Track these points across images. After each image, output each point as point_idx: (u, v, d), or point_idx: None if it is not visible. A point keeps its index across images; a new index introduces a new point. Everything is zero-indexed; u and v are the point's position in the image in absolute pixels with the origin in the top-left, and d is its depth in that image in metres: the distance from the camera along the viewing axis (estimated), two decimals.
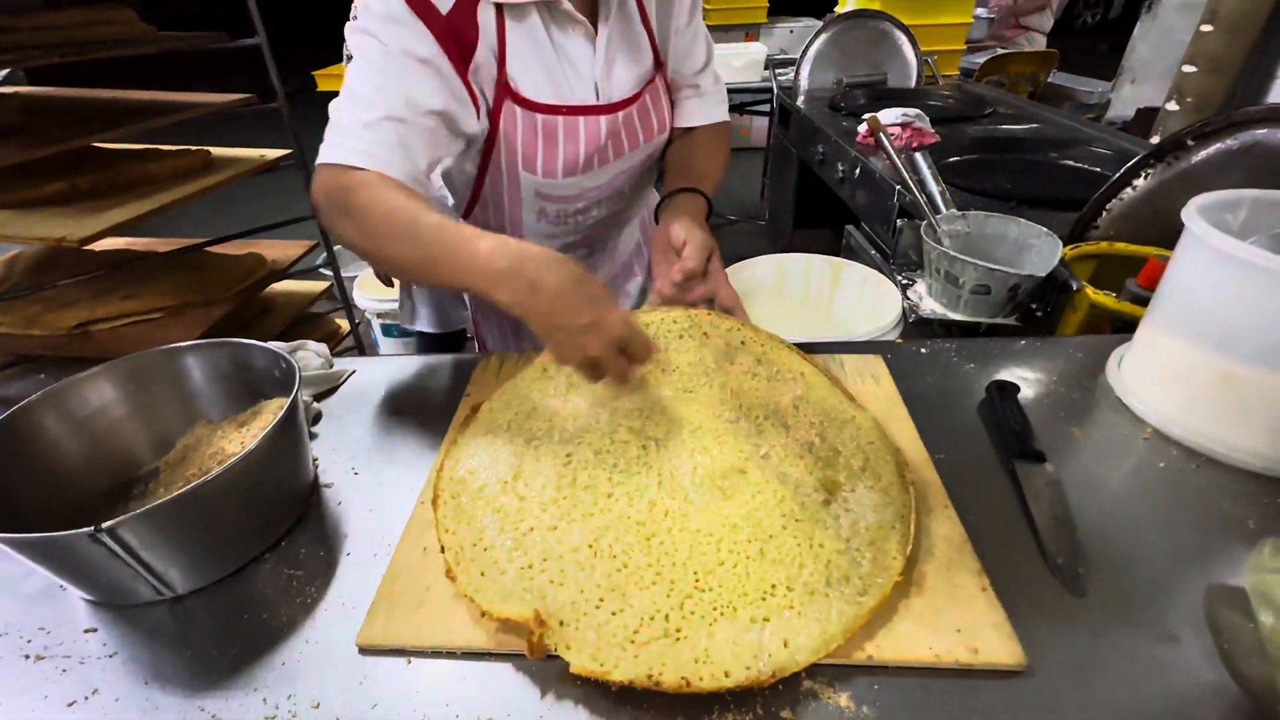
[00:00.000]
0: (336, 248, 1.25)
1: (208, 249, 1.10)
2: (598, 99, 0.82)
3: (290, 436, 0.61)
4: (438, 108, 0.72)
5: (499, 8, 0.73)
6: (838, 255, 1.98)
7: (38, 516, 0.57)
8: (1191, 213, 0.69)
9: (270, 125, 1.14)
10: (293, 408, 0.60)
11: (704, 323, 0.78)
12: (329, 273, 1.31)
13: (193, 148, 1.03)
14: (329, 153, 0.68)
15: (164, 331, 0.98)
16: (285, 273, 1.17)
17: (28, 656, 0.52)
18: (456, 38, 0.71)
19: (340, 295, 1.24)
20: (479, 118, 0.77)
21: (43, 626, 0.55)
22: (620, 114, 0.84)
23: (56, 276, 1.01)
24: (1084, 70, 4.03)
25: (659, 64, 0.87)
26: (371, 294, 2.06)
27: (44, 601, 0.57)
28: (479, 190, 0.90)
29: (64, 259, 1.03)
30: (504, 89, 0.76)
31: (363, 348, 1.35)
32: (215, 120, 1.03)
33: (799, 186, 2.56)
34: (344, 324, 1.32)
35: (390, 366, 0.89)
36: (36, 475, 0.60)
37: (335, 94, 0.73)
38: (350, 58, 1.30)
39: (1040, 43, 4.04)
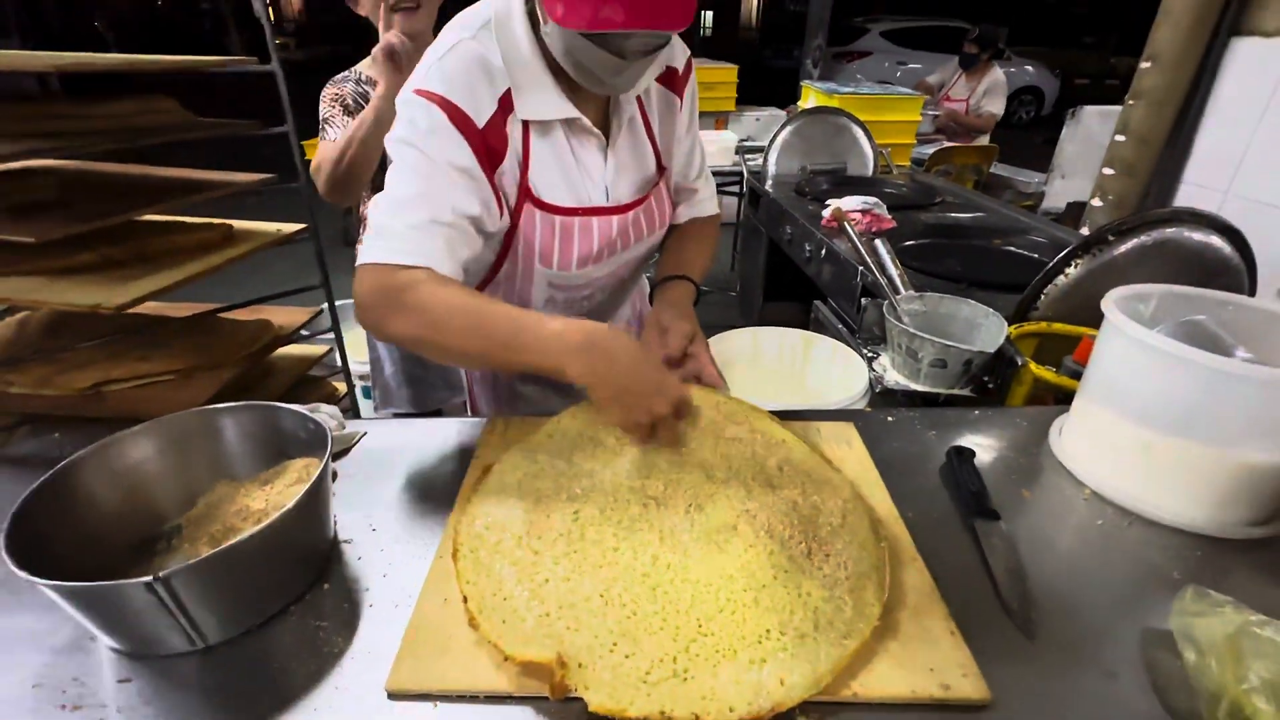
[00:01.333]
0: (342, 317, 1.31)
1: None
2: (608, 200, 0.92)
3: (319, 495, 0.66)
4: (474, 213, 0.79)
5: (526, 124, 0.83)
6: (805, 327, 2.13)
7: (71, 568, 0.60)
8: (1109, 303, 0.82)
9: (276, 195, 1.20)
10: (325, 468, 0.65)
11: (694, 399, 0.86)
12: (326, 337, 1.36)
13: (215, 221, 1.09)
14: (376, 254, 0.74)
15: (175, 393, 1.01)
16: (289, 338, 1.22)
17: (64, 707, 0.54)
18: (488, 148, 0.80)
19: (341, 360, 1.29)
20: (501, 217, 0.86)
21: (76, 678, 0.57)
22: (630, 214, 0.95)
23: (67, 338, 1.04)
24: (1022, 161, 4.44)
25: (661, 168, 0.99)
26: (356, 357, 2.10)
27: (74, 654, 0.59)
28: (492, 277, 0.97)
29: (74, 321, 1.06)
30: (525, 193, 0.86)
31: (357, 410, 1.40)
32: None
33: (768, 262, 2.73)
34: (340, 386, 1.37)
35: (399, 428, 0.94)
36: (74, 527, 0.63)
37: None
38: (324, 129, 1.39)
39: (983, 139, 4.45)
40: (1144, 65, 1.74)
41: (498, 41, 0.80)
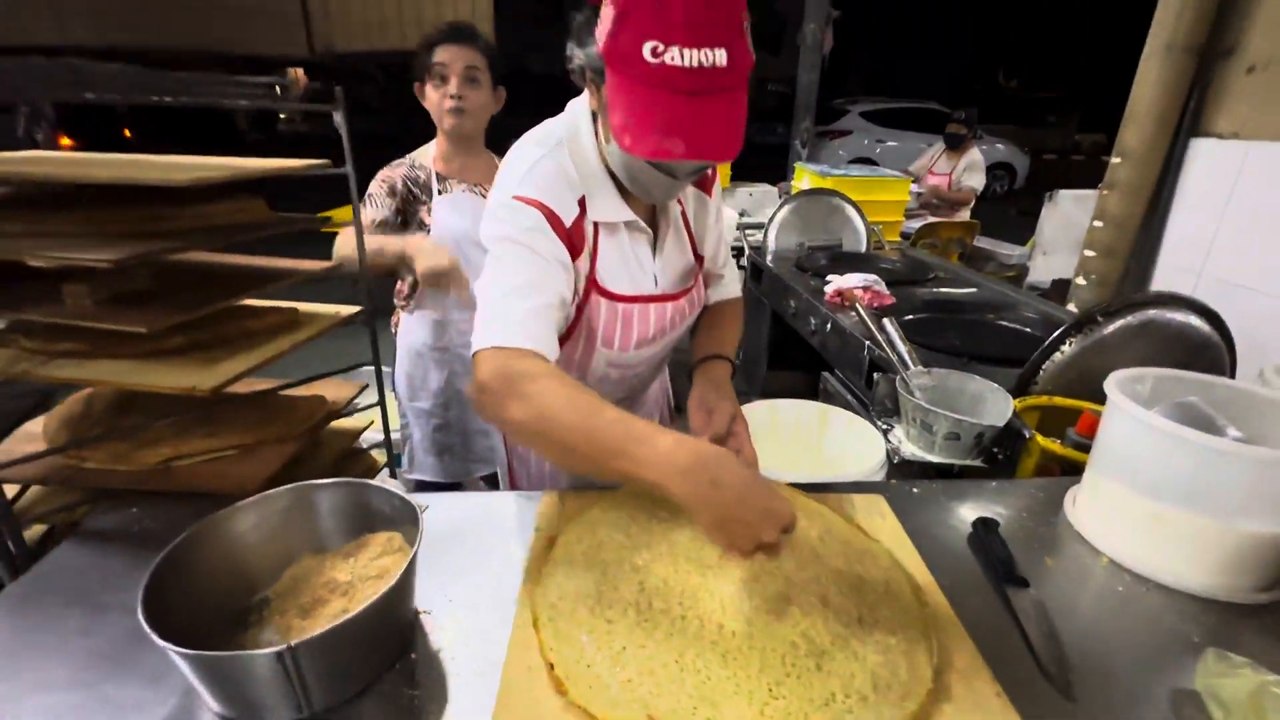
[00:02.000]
0: (387, 391, 1.38)
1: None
2: (657, 288, 1.02)
3: (414, 569, 0.71)
4: (568, 298, 0.90)
5: (596, 224, 0.94)
6: (813, 396, 2.22)
7: (182, 639, 0.64)
8: (1111, 386, 0.91)
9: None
10: (418, 544, 0.71)
11: None
12: (370, 410, 1.42)
13: (283, 305, 1.18)
14: (496, 337, 0.80)
15: (239, 467, 1.06)
16: (340, 413, 1.28)
17: None
18: (572, 244, 0.91)
19: (385, 433, 1.35)
20: (572, 304, 0.96)
21: None
22: (680, 301, 1.06)
23: (135, 414, 1.10)
24: (1001, 232, 4.71)
25: (699, 258, 1.10)
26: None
27: None
28: None
29: (139, 398, 1.13)
30: (593, 283, 0.96)
31: (394, 475, 1.45)
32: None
33: (771, 332, 2.85)
34: (380, 458, 1.42)
35: (458, 502, 1.00)
36: (184, 599, 0.68)
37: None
38: (366, 201, 1.53)
39: (964, 213, 4.73)
40: (1115, 160, 1.92)
41: (570, 156, 0.92)
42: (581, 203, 0.92)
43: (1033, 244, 3.81)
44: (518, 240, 0.86)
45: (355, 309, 1.26)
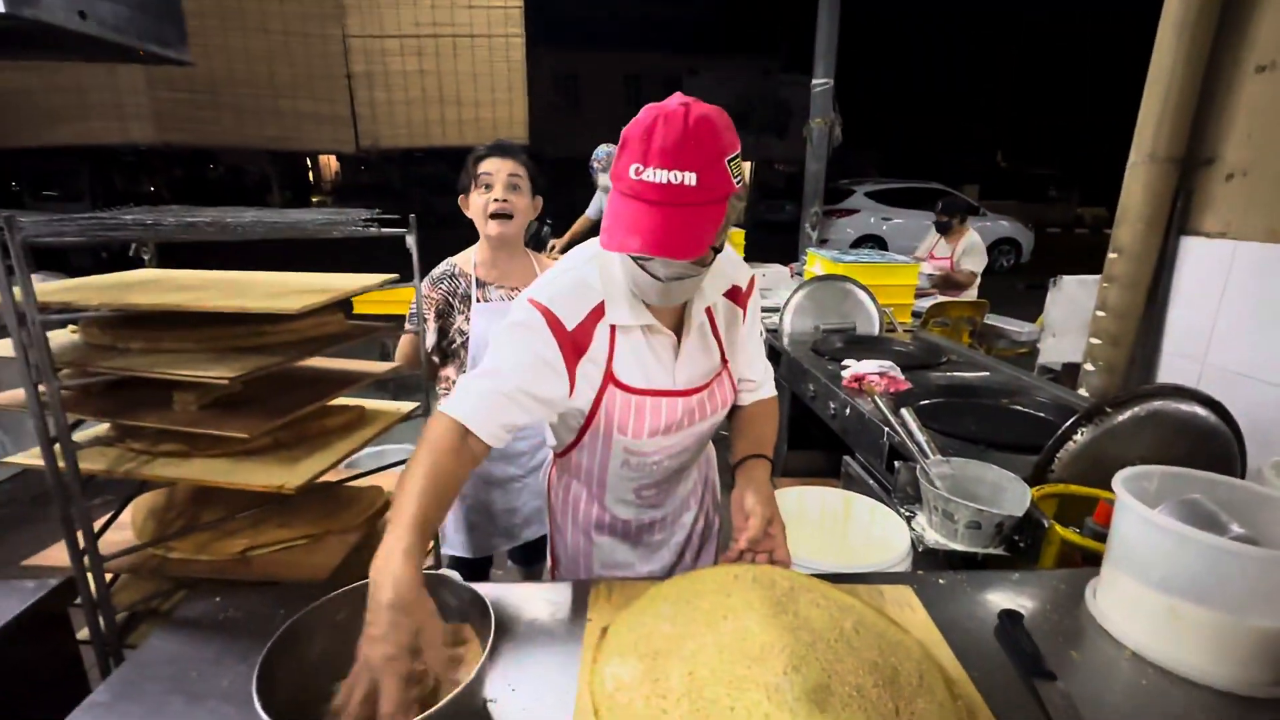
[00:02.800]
0: None
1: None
2: (674, 384, 1.13)
3: (489, 661, 0.78)
4: (543, 396, 1.02)
5: (613, 326, 1.07)
6: (833, 475, 2.28)
7: None
8: (1119, 484, 0.98)
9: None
10: (491, 637, 0.78)
11: (769, 573, 1.00)
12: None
13: (352, 403, 1.30)
14: (446, 405, 0.97)
15: (311, 557, 1.15)
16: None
17: None
18: (575, 344, 1.04)
19: None
20: (571, 394, 1.06)
21: None
22: (694, 397, 1.15)
23: (213, 505, 1.20)
24: (1010, 307, 4.85)
25: (724, 360, 1.21)
26: None
27: None
28: (578, 442, 1.18)
29: (218, 490, 1.23)
30: (609, 378, 1.08)
31: (440, 563, 1.51)
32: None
33: (790, 413, 2.93)
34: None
35: (508, 591, 1.07)
36: (279, 689, 0.75)
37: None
38: (418, 321, 1.67)
39: (972, 291, 4.89)
40: (1111, 255, 2.05)
41: (599, 269, 1.07)
42: (598, 308, 1.06)
43: (1041, 322, 3.94)
44: (510, 335, 1.02)
45: (414, 405, 1.38)
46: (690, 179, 0.88)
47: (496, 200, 1.69)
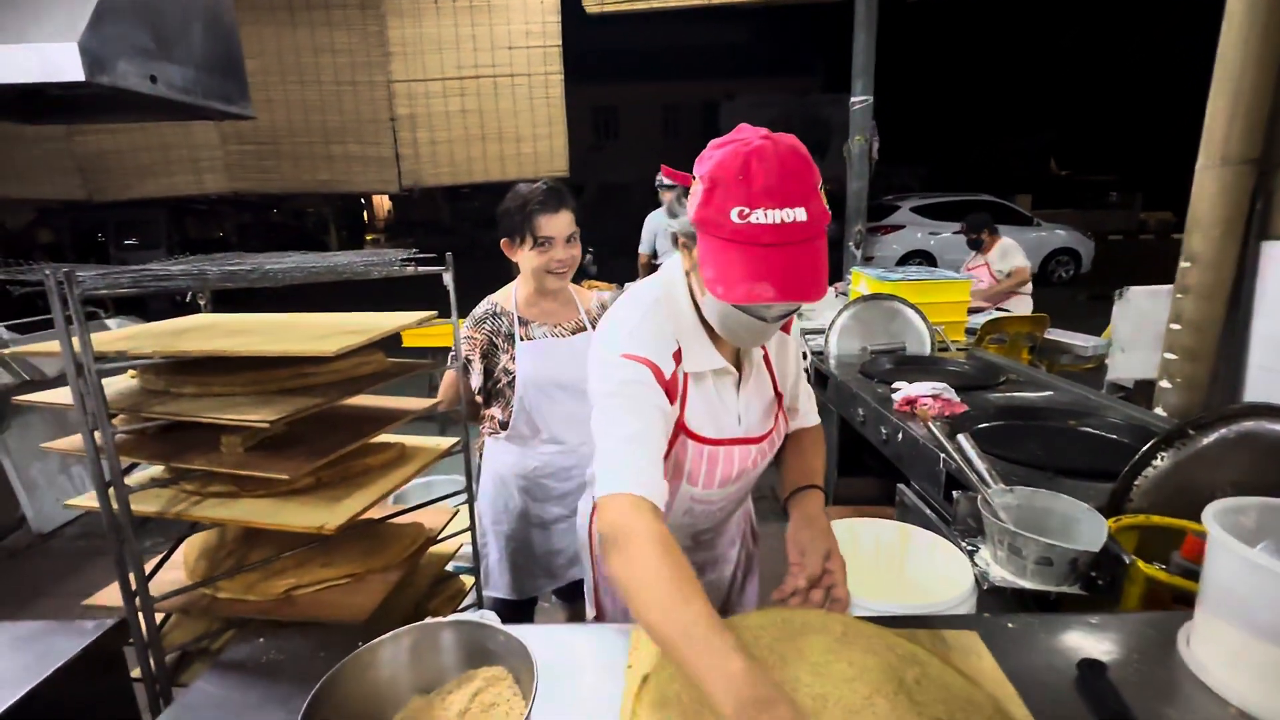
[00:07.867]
0: (478, 522, 1.47)
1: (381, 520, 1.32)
2: (740, 425, 1.09)
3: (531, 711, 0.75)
4: (665, 446, 0.98)
5: (686, 374, 1.03)
6: (886, 503, 2.17)
7: None
8: (1210, 519, 0.89)
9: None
10: (536, 685, 0.75)
11: (820, 618, 0.94)
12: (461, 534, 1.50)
13: (392, 441, 1.31)
14: (614, 484, 0.88)
15: (353, 596, 1.15)
16: (434, 539, 1.37)
17: None
18: (670, 393, 1.00)
19: (474, 559, 1.43)
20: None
21: None
22: (765, 441, 1.12)
23: (262, 544, 1.22)
24: (1071, 321, 4.60)
25: (778, 394, 1.17)
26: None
27: None
28: None
29: (266, 530, 1.25)
30: (681, 426, 1.04)
31: (481, 602, 1.50)
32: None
33: (840, 439, 2.83)
34: (468, 580, 1.49)
35: (547, 635, 1.04)
36: None
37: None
38: (461, 362, 1.66)
39: (1028, 304, 4.68)
40: (1184, 265, 1.91)
41: (665, 313, 1.03)
42: (677, 355, 1.02)
43: (1109, 334, 3.71)
44: (628, 395, 0.96)
45: (453, 441, 1.38)
46: (800, 215, 0.85)
47: (558, 260, 1.65)
